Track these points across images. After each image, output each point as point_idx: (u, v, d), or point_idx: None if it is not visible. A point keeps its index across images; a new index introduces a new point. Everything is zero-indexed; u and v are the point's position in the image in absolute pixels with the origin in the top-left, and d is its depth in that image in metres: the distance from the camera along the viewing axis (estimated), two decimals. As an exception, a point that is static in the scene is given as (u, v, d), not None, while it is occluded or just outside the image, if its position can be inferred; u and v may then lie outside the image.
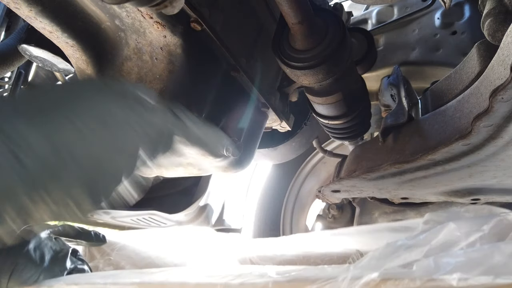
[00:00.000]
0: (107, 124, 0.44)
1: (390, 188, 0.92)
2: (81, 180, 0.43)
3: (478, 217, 0.41)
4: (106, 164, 0.45)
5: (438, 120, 0.74)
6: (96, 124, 0.43)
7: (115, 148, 0.45)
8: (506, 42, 0.53)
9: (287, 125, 1.04)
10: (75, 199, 0.43)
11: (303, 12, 0.65)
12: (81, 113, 0.43)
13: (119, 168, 0.46)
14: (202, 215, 1.81)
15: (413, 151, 0.75)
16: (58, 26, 0.67)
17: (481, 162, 0.70)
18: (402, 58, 1.24)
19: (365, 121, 1.00)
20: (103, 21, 0.69)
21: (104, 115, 0.44)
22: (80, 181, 0.43)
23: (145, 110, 0.49)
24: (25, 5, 0.62)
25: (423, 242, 0.39)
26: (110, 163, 0.45)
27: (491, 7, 0.69)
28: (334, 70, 0.73)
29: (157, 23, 0.64)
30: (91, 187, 0.44)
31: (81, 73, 0.75)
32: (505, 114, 0.55)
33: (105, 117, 0.44)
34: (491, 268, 0.30)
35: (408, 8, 1.30)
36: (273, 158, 1.55)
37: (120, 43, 0.71)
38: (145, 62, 0.69)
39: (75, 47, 0.71)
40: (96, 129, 0.43)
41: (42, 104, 0.42)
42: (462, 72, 0.79)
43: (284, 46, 0.74)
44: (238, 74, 0.79)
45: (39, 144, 0.39)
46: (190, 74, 0.70)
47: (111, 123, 0.45)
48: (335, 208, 1.73)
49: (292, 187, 1.96)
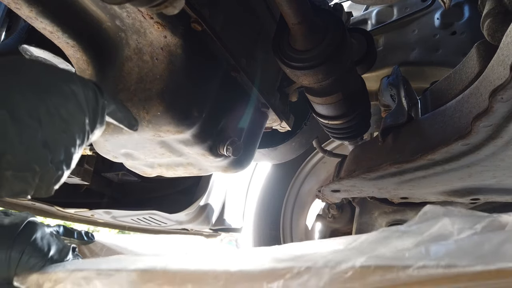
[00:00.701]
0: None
1: (389, 188, 0.92)
2: (41, 142, 0.45)
3: (473, 216, 0.41)
4: (61, 126, 0.47)
5: (438, 120, 0.74)
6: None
7: (67, 119, 0.48)
8: (505, 42, 0.53)
9: (287, 125, 1.05)
10: (38, 160, 0.45)
11: (303, 12, 0.65)
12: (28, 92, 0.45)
13: (73, 136, 0.49)
14: (202, 214, 1.82)
15: (412, 151, 0.75)
16: (58, 26, 0.67)
17: (480, 162, 0.70)
18: (401, 58, 1.24)
19: (364, 121, 1.00)
20: (103, 22, 0.69)
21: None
22: (40, 143, 0.45)
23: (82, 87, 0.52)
24: (26, 6, 0.62)
25: (416, 232, 0.40)
26: (65, 131, 0.48)
27: (491, 7, 0.69)
28: (334, 70, 0.74)
29: (157, 23, 0.64)
30: (53, 151, 0.46)
31: (82, 73, 0.75)
32: (505, 114, 0.55)
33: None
34: (481, 256, 0.31)
35: (408, 9, 1.30)
36: (273, 158, 1.55)
37: (120, 44, 0.71)
38: (145, 62, 0.69)
39: (75, 47, 0.71)
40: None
41: None
42: (461, 72, 0.79)
43: (284, 46, 0.74)
44: (238, 74, 0.79)
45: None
46: (190, 74, 0.70)
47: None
48: (335, 207, 1.73)
49: (292, 187, 1.96)
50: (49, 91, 0.47)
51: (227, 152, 0.79)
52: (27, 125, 0.43)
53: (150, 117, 0.68)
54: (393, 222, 1.55)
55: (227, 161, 0.86)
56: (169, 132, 0.71)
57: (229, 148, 0.79)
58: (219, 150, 0.79)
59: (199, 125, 0.74)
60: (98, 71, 0.74)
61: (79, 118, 0.50)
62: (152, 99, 0.67)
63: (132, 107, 0.68)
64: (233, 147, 0.79)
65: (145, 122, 0.69)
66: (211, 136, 0.78)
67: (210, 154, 0.80)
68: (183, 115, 0.70)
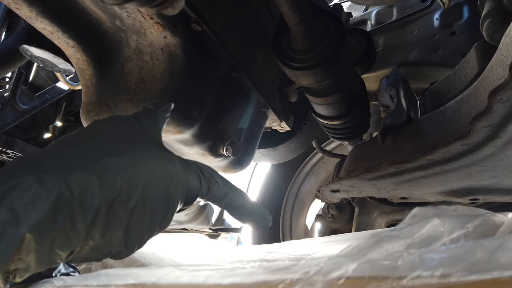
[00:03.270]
0: (150, 178, 0.44)
1: (389, 188, 0.93)
2: (125, 230, 0.43)
3: (463, 215, 0.41)
4: (148, 216, 0.45)
5: (437, 120, 0.74)
6: (141, 177, 0.44)
7: (156, 200, 0.45)
8: (505, 43, 0.53)
9: (286, 125, 1.05)
10: (113, 246, 0.43)
11: (302, 12, 0.66)
12: (127, 165, 0.43)
13: (157, 221, 0.46)
14: (202, 214, 1.82)
15: (412, 151, 0.75)
16: (58, 26, 0.67)
17: (479, 162, 0.70)
18: (401, 59, 1.24)
19: (364, 122, 1.00)
20: (103, 22, 0.70)
21: (146, 167, 0.45)
22: (123, 230, 0.43)
23: (181, 166, 0.49)
24: (26, 6, 0.62)
25: (406, 234, 0.39)
26: (151, 215, 0.45)
27: (490, 7, 0.70)
28: (333, 71, 0.74)
29: (157, 23, 0.64)
30: (130, 235, 0.44)
31: (82, 73, 0.75)
32: (504, 114, 0.55)
33: (147, 170, 0.45)
34: (474, 264, 0.31)
35: (407, 9, 1.30)
36: (272, 158, 1.55)
37: (120, 44, 0.71)
38: (145, 63, 0.69)
39: (75, 47, 0.71)
40: (141, 181, 0.43)
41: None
42: (461, 72, 0.79)
43: (284, 46, 0.74)
44: (238, 74, 0.79)
45: (95, 193, 0.39)
46: (190, 75, 0.70)
47: (153, 177, 0.45)
48: (335, 207, 1.73)
49: (291, 187, 1.96)
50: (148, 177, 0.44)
51: (227, 152, 0.79)
52: (118, 218, 0.41)
53: (150, 117, 0.68)
54: (392, 222, 1.56)
55: (227, 161, 0.86)
56: (169, 132, 0.71)
57: (229, 148, 0.79)
58: (219, 150, 0.79)
59: (199, 125, 0.74)
60: (98, 71, 0.74)
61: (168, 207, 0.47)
62: (152, 99, 0.67)
63: (132, 107, 0.68)
64: (233, 147, 0.79)
65: (145, 122, 0.69)
66: (211, 136, 0.78)
67: (210, 154, 0.80)
68: (183, 115, 0.70)
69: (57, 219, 0.37)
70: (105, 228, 0.40)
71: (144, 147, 0.48)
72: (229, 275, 0.45)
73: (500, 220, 0.46)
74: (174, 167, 0.47)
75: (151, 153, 0.47)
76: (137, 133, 0.50)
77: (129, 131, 0.50)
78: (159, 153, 0.49)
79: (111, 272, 0.58)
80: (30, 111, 1.40)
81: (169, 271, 0.51)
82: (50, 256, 0.38)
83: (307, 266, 0.38)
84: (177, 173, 0.47)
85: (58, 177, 0.37)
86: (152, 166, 0.45)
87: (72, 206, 0.37)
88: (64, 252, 0.38)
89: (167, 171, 0.46)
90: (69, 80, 1.26)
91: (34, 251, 0.36)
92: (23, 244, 0.35)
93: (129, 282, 0.52)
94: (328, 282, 0.35)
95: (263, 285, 0.40)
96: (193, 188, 0.49)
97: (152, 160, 0.46)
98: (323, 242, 1.00)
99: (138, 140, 0.49)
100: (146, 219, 0.44)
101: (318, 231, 1.84)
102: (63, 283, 0.60)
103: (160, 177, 0.45)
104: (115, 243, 0.43)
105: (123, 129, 0.50)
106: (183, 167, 0.48)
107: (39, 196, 0.35)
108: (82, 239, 0.39)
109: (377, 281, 0.33)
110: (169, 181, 0.46)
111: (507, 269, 0.29)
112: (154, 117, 0.55)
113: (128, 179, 0.42)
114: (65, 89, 1.48)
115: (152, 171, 0.45)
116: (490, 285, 0.29)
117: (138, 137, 0.50)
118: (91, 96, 0.73)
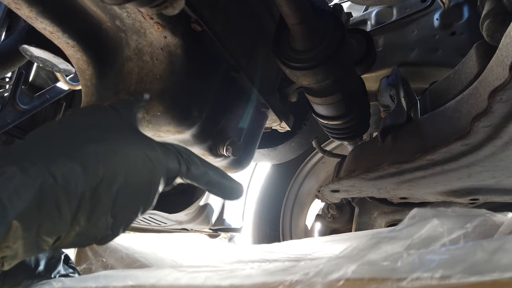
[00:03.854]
0: (130, 161, 0.45)
1: (389, 188, 0.93)
2: (110, 214, 0.44)
3: (463, 216, 0.41)
4: (131, 199, 0.46)
5: (437, 120, 0.74)
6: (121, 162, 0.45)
7: (139, 184, 0.46)
8: (505, 43, 0.53)
9: (286, 126, 1.05)
10: (99, 231, 0.44)
11: (302, 13, 0.66)
12: (106, 152, 0.44)
13: (140, 204, 0.47)
14: (202, 214, 1.82)
15: (412, 151, 0.75)
16: (58, 26, 0.67)
17: (479, 162, 0.70)
18: (401, 59, 1.24)
19: (364, 122, 1.00)
20: (103, 22, 0.70)
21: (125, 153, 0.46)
22: (108, 215, 0.43)
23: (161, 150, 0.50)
24: (26, 6, 0.62)
25: (405, 235, 0.39)
26: (134, 198, 0.46)
27: (490, 8, 0.70)
28: (333, 71, 0.74)
29: (157, 23, 0.64)
30: (116, 219, 0.45)
31: (82, 73, 0.75)
32: (504, 114, 0.55)
33: (128, 155, 0.46)
34: (474, 265, 0.30)
35: (407, 9, 1.30)
36: (272, 158, 1.55)
37: (120, 44, 0.71)
38: (145, 63, 0.69)
39: (75, 47, 0.71)
40: (123, 167, 0.44)
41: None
42: (461, 72, 0.79)
43: (284, 46, 0.74)
44: (238, 74, 0.79)
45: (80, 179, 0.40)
46: (190, 75, 0.70)
47: (134, 161, 0.46)
48: (334, 208, 1.74)
49: (291, 187, 1.96)
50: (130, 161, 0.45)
51: (227, 152, 0.79)
52: (102, 203, 0.42)
53: (150, 117, 0.68)
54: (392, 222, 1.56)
55: (227, 161, 0.86)
56: (169, 132, 0.71)
57: (229, 148, 0.79)
58: (219, 150, 0.79)
59: (199, 125, 0.74)
60: (98, 71, 0.74)
61: (150, 189, 0.48)
62: (152, 99, 0.67)
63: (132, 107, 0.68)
64: (233, 147, 0.79)
65: (145, 122, 0.69)
66: (211, 136, 0.78)
67: (210, 154, 0.80)
68: (183, 115, 0.70)
69: (43, 206, 0.37)
70: (90, 214, 0.41)
71: (124, 134, 0.49)
72: (228, 276, 0.45)
73: (499, 220, 0.46)
74: (154, 151, 0.49)
75: (131, 140, 0.49)
76: (116, 121, 0.52)
77: (108, 120, 0.52)
78: (139, 139, 0.50)
79: (110, 273, 0.58)
80: (30, 111, 1.40)
81: (168, 272, 0.51)
82: (38, 243, 0.38)
83: (307, 268, 0.38)
84: (156, 157, 0.48)
85: (42, 165, 0.38)
86: (133, 152, 0.46)
87: (57, 193, 0.38)
88: (51, 239, 0.39)
89: (147, 156, 0.47)
90: (69, 80, 1.26)
91: (21, 238, 0.36)
92: (10, 232, 0.35)
93: (128, 283, 0.52)
94: (328, 283, 0.35)
95: (262, 287, 0.40)
96: (172, 169, 0.51)
97: (132, 146, 0.47)
98: (323, 242, 1.01)
99: (118, 128, 0.51)
100: (130, 203, 0.46)
101: (318, 231, 1.84)
102: (62, 284, 0.60)
103: (141, 162, 0.47)
104: (100, 227, 0.43)
105: (102, 117, 0.51)
106: (162, 150, 0.50)
107: (23, 184, 0.36)
108: (68, 225, 0.40)
109: (376, 283, 0.33)
110: (149, 165, 0.47)
111: (507, 271, 0.29)
112: (130, 105, 0.58)
113: (110, 165, 0.43)
114: (65, 89, 1.48)
115: (133, 156, 0.46)
116: (490, 287, 0.29)
117: (117, 125, 0.51)
118: (91, 96, 0.73)
